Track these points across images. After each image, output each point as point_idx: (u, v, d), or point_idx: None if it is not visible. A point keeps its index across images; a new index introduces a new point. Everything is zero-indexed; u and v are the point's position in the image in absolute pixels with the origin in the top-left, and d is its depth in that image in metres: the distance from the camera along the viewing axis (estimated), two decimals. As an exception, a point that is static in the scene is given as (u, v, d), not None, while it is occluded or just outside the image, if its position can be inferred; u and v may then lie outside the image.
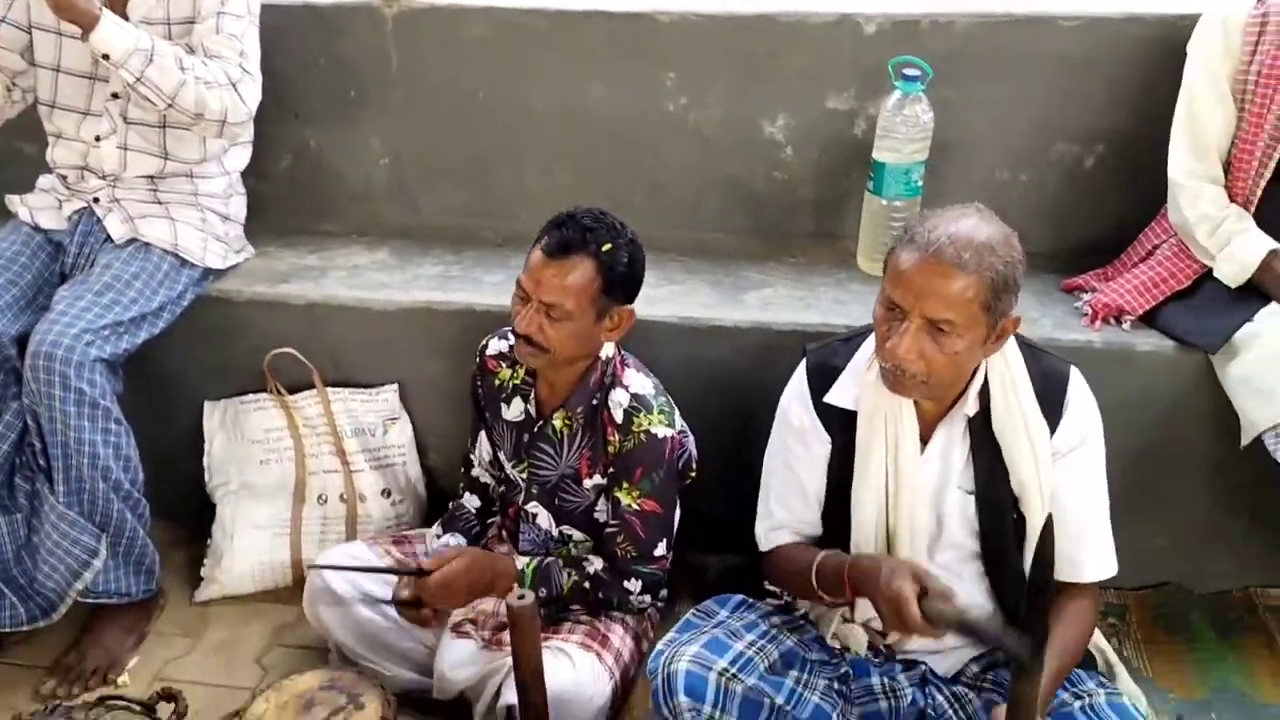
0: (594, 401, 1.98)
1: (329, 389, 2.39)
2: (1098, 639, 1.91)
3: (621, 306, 1.93)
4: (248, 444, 2.41)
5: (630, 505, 1.96)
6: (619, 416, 1.96)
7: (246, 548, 2.35)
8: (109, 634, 2.20)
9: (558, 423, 2.02)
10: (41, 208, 2.31)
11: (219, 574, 2.35)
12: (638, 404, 1.96)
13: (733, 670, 1.74)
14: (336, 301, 2.37)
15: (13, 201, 2.35)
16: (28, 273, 2.22)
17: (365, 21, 2.51)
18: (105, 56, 2.04)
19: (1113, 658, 1.91)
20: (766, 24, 2.40)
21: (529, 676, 1.47)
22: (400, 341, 2.38)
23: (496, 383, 2.11)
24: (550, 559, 2.01)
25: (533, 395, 2.05)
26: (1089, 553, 1.78)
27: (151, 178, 2.31)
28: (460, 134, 2.59)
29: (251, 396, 2.43)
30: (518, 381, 2.07)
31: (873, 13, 2.36)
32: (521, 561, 2.00)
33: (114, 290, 2.14)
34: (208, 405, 2.45)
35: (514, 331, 1.96)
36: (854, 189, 2.47)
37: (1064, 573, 1.76)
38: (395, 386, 2.42)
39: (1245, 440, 2.02)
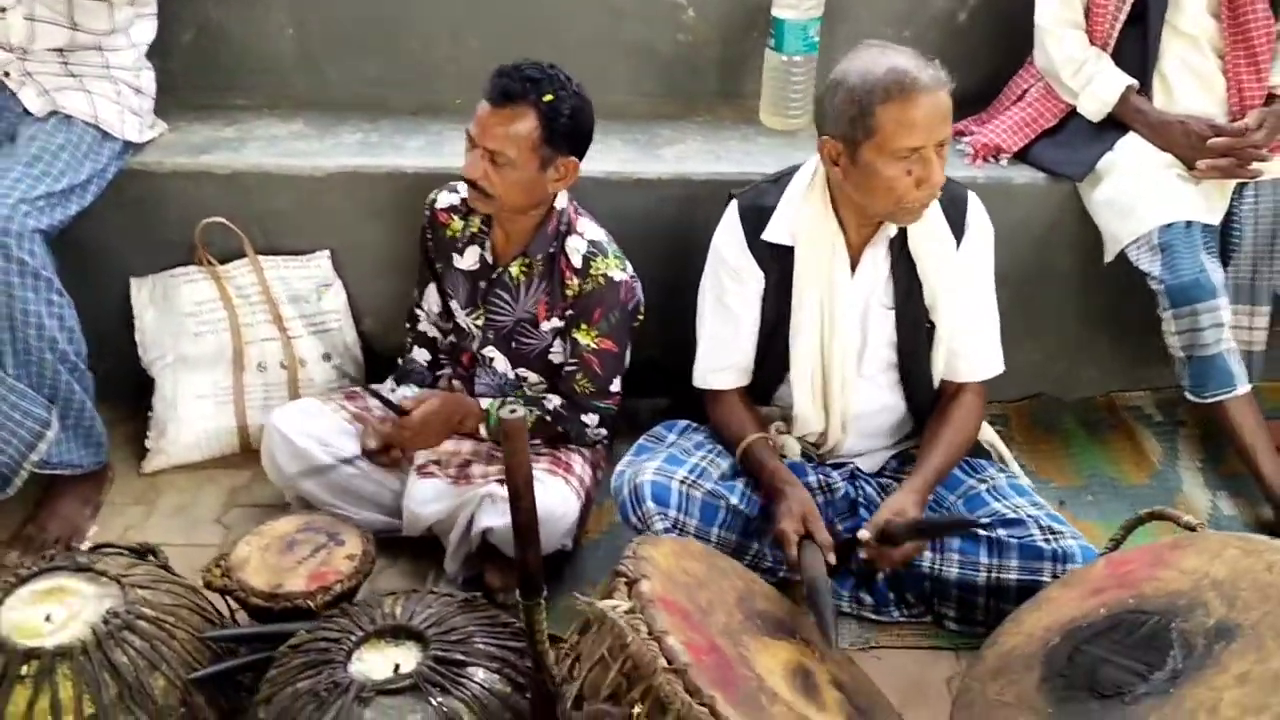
0: (551, 248, 2.11)
1: (261, 257, 2.43)
2: (988, 434, 2.19)
3: (566, 158, 2.04)
4: (180, 317, 2.43)
5: (589, 345, 2.11)
6: (577, 262, 2.09)
7: (191, 418, 2.40)
8: (66, 504, 2.23)
9: (514, 269, 2.14)
10: (-50, 80, 2.25)
11: (165, 445, 2.40)
12: (595, 249, 2.10)
13: (691, 478, 1.94)
14: (261, 170, 2.39)
15: (-81, 76, 2.27)
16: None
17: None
18: None
19: (1003, 449, 2.19)
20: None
21: (521, 485, 1.61)
22: (329, 208, 2.43)
23: (448, 234, 2.21)
24: (511, 399, 2.15)
25: (489, 243, 2.16)
26: (980, 354, 2.04)
27: (60, 50, 2.27)
28: (372, 2, 2.61)
29: (180, 270, 2.45)
30: (474, 230, 2.17)
31: (763, -128, 2.49)
32: (486, 401, 2.14)
33: (43, 162, 2.13)
34: (134, 281, 2.45)
35: (461, 177, 2.06)
36: (755, 49, 2.63)
37: (959, 372, 2.03)
38: (327, 253, 2.48)
39: (1109, 256, 2.31)
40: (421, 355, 2.33)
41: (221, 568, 1.90)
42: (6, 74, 2.25)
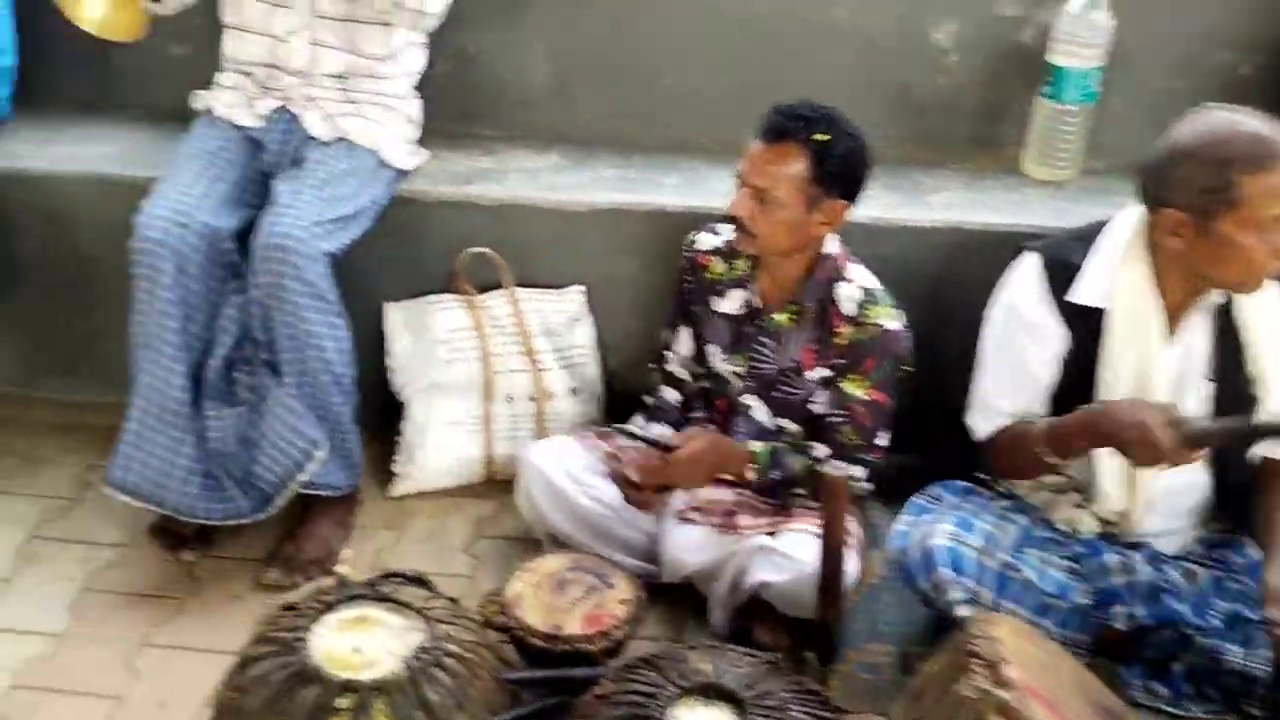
0: (820, 295, 2.05)
1: (517, 289, 2.43)
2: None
3: (835, 200, 1.98)
4: (432, 343, 2.44)
5: (858, 396, 2.04)
6: (849, 309, 2.03)
7: (440, 444, 2.40)
8: (322, 526, 2.25)
9: (780, 316, 2.09)
10: (233, 104, 2.30)
11: (413, 470, 2.41)
12: (869, 297, 2.04)
13: (985, 546, 1.85)
14: (526, 202, 2.40)
15: (203, 97, 2.34)
16: (234, 169, 2.22)
17: (538, -81, 2.51)
18: None
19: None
20: (941, -71, 2.44)
21: (835, 544, 1.56)
22: (588, 242, 2.42)
23: (709, 277, 2.17)
24: (778, 444, 2.09)
25: (753, 288, 2.11)
26: None
27: (339, 76, 2.31)
28: (625, 36, 2.60)
29: (435, 297, 2.46)
30: (738, 274, 2.13)
31: (1050, -81, 2.41)
32: (755, 444, 2.09)
33: (331, 186, 2.16)
34: (389, 306, 2.48)
35: (727, 215, 2.03)
36: (1018, 96, 2.54)
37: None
38: (581, 287, 2.47)
39: None
40: (672, 395, 2.29)
41: (498, 604, 1.88)
42: (289, 98, 2.30)
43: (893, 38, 2.54)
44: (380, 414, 2.49)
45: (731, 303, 2.15)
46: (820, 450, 2.10)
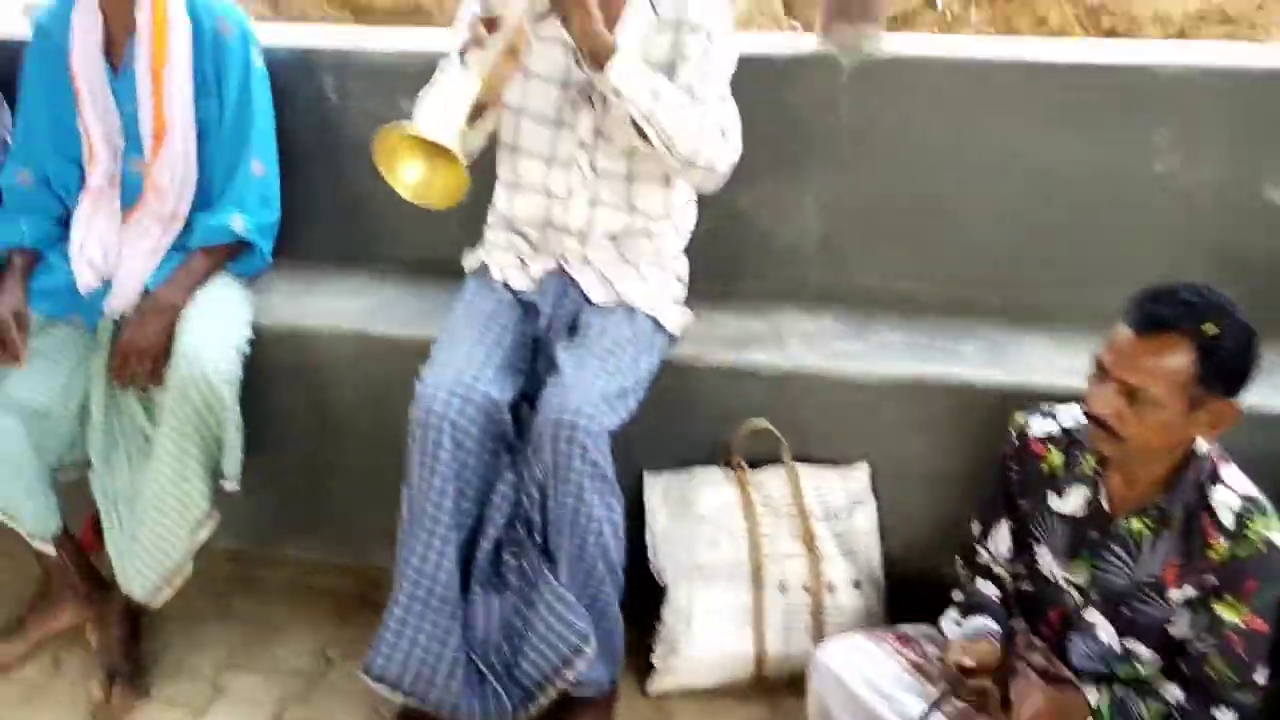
0: (1190, 500, 1.75)
1: (796, 464, 2.20)
2: None
3: (1221, 400, 1.69)
4: (695, 520, 2.22)
5: (1235, 623, 1.71)
6: (1227, 520, 1.72)
7: (707, 636, 2.16)
8: (584, 728, 2.02)
9: (1136, 523, 1.79)
10: (506, 265, 2.18)
11: (676, 663, 2.17)
12: (1251, 506, 1.72)
13: None
14: (809, 372, 2.19)
15: (475, 257, 2.23)
16: (508, 334, 2.09)
17: (820, 72, 2.36)
18: (616, 92, 1.90)
19: None
20: (1276, 80, 2.18)
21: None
22: (878, 416, 2.19)
23: (1045, 469, 1.89)
24: (1123, 689, 1.77)
25: (1102, 487, 1.82)
26: None
27: (614, 236, 2.17)
28: (901, 191, 2.41)
29: (700, 469, 2.25)
30: (1085, 470, 1.85)
31: None
32: (1093, 695, 1.76)
33: (614, 356, 2.00)
34: (648, 477, 2.27)
35: (1086, 412, 1.75)
36: (1365, 259, 2.23)
37: None
38: (866, 465, 2.23)
39: None
40: (991, 589, 1.99)
41: None
42: (565, 259, 2.16)
43: (1218, 195, 2.27)
44: (633, 596, 2.27)
45: (1073, 502, 1.86)
46: (1173, 691, 1.76)
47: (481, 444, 1.96)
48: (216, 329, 2.20)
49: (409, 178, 1.75)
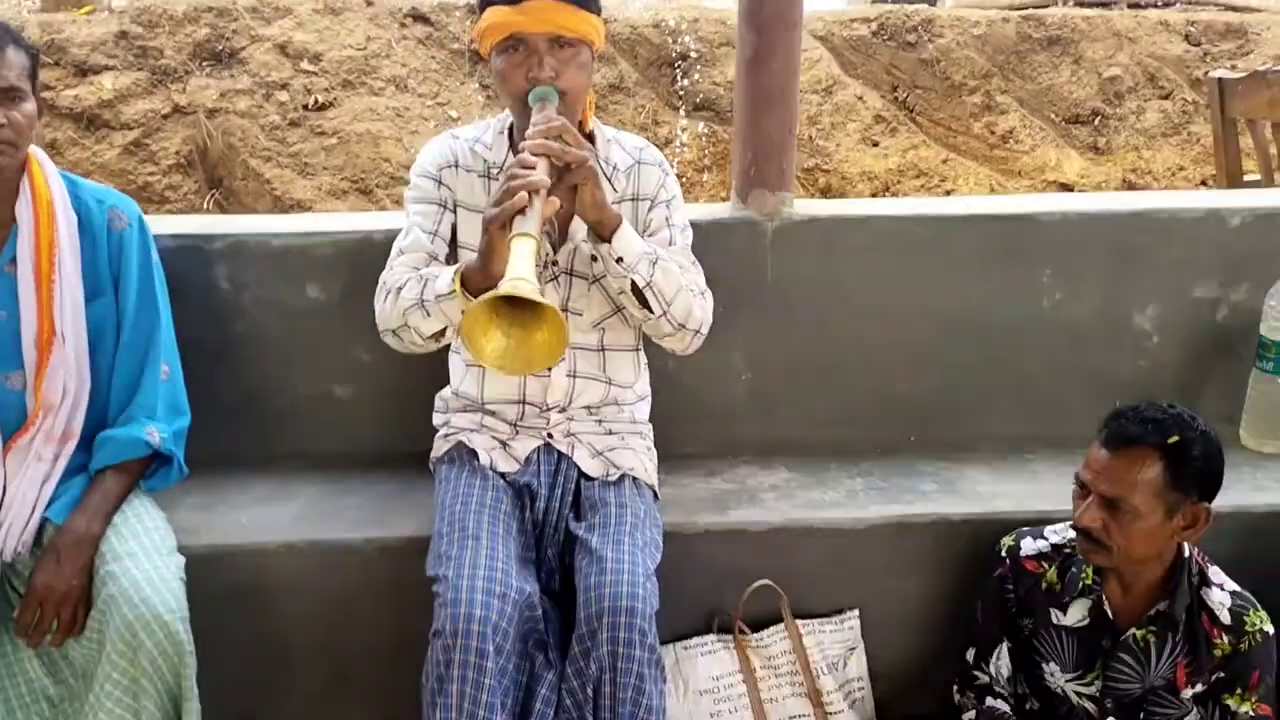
0: (1188, 602, 1.91)
1: (798, 620, 2.18)
2: None
3: (1196, 504, 1.89)
4: (695, 696, 2.14)
5: (1246, 712, 1.88)
6: (1225, 618, 1.90)
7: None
8: None
9: (1140, 629, 1.92)
10: (489, 448, 2.05)
11: None
12: (1243, 602, 1.92)
13: None
14: (801, 525, 2.20)
15: (460, 443, 2.06)
16: (513, 522, 1.94)
17: (744, 236, 2.44)
18: (619, 260, 1.89)
19: None
20: (1140, 221, 2.51)
21: None
22: (865, 561, 2.22)
23: (1044, 585, 2.00)
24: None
25: (1103, 598, 1.95)
26: None
27: (592, 407, 2.11)
28: (827, 343, 2.52)
29: (696, 639, 2.18)
30: (1086, 582, 1.97)
31: (1236, 207, 2.53)
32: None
33: (640, 531, 1.91)
34: (643, 656, 2.16)
35: (1074, 526, 1.89)
36: (1216, 372, 2.58)
37: None
38: (856, 612, 2.24)
39: None
40: (1001, 704, 2.05)
41: None
42: (550, 436, 2.07)
43: (1096, 325, 2.55)
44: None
45: (1075, 615, 1.98)
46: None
47: (518, 647, 1.79)
48: (152, 559, 1.90)
49: (498, 349, 1.62)
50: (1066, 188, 6.43)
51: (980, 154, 6.44)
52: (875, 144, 6.46)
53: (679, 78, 6.40)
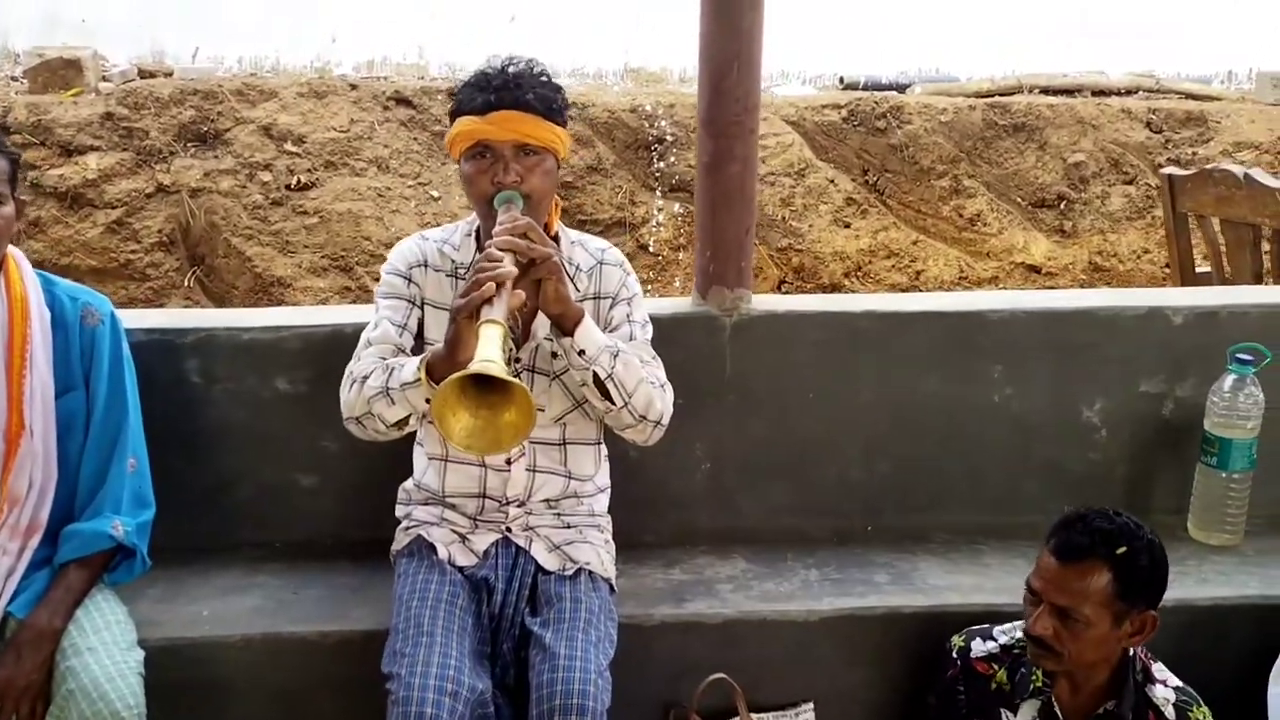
0: (1135, 701, 1.96)
1: (753, 715, 2.21)
2: None
3: (1144, 612, 1.94)
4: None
5: (1195, 804, 1.92)
6: (1171, 713, 1.95)
7: None
8: None
9: (1089, 728, 1.97)
10: (447, 542, 2.09)
11: None
12: (1186, 698, 1.97)
13: None
14: (757, 616, 2.24)
15: (419, 536, 2.10)
16: (469, 617, 1.98)
17: (704, 330, 2.52)
18: (581, 353, 1.95)
19: None
20: (1087, 318, 2.60)
21: None
22: (819, 654, 2.26)
23: (993, 687, 2.04)
24: None
25: (1052, 699, 1.99)
26: None
27: (551, 501, 2.16)
28: (784, 434, 2.58)
29: (651, 734, 2.21)
30: (1036, 684, 2.01)
31: (1179, 305, 2.62)
32: None
33: (594, 626, 1.96)
34: (597, 752, 2.19)
35: (1026, 633, 1.94)
36: (1164, 465, 2.65)
37: None
38: (811, 705, 2.27)
39: None
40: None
41: None
42: (509, 530, 2.11)
43: (1045, 419, 2.62)
44: None
45: (1025, 716, 2.02)
46: None
47: (472, 747, 1.82)
48: (112, 655, 1.92)
49: (467, 428, 1.68)
50: (1035, 269, 6.57)
51: (949, 236, 6.58)
52: (847, 225, 6.60)
53: (655, 160, 6.54)
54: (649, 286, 6.38)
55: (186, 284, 5.95)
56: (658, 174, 6.52)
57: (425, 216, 6.19)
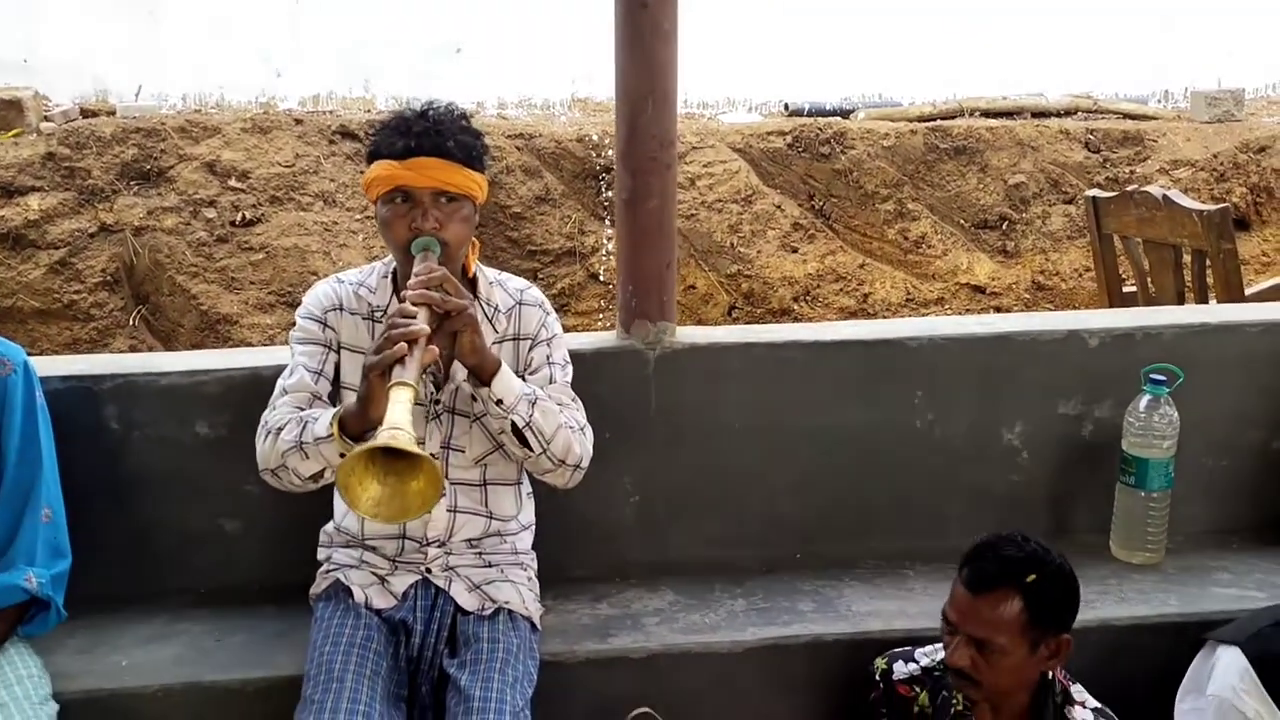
0: (1054, 721, 1.99)
1: (679, 748, 2.22)
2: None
3: (1057, 636, 1.97)
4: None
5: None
6: (1092, 734, 1.97)
7: None
8: None
9: (1011, 753, 1.99)
10: (365, 585, 2.09)
11: None
12: (1105, 718, 1.99)
13: None
14: (681, 649, 2.25)
15: (326, 579, 2.10)
16: (383, 661, 1.97)
17: (629, 363, 2.53)
18: (499, 402, 1.96)
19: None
20: (1004, 343, 2.65)
21: None
22: (743, 685, 2.27)
23: (915, 709, 2.06)
24: None
25: (974, 720, 2.02)
26: None
27: (473, 541, 2.16)
28: (712, 465, 2.60)
29: (577, 771, 2.20)
30: (958, 708, 2.03)
31: (1095, 328, 2.67)
32: None
33: (512, 667, 1.96)
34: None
35: (945, 663, 1.97)
36: (1084, 486, 2.70)
37: None
38: (740, 735, 2.29)
39: None
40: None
41: None
42: (428, 570, 2.11)
43: (968, 443, 2.66)
44: None
45: (945, 736, 2.04)
46: None
47: (382, 791, 1.81)
48: (23, 710, 1.91)
49: (374, 497, 1.68)
50: (979, 290, 6.66)
51: (895, 259, 6.65)
52: (795, 250, 6.65)
53: (603, 189, 6.57)
54: (599, 316, 6.41)
55: (131, 323, 5.90)
56: (606, 203, 6.55)
57: (374, 250, 6.18)
